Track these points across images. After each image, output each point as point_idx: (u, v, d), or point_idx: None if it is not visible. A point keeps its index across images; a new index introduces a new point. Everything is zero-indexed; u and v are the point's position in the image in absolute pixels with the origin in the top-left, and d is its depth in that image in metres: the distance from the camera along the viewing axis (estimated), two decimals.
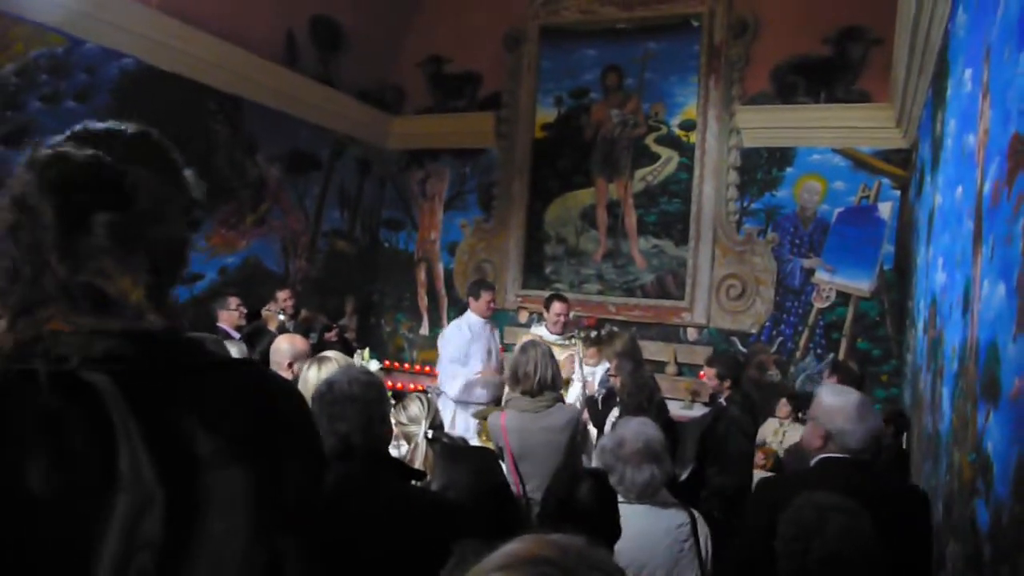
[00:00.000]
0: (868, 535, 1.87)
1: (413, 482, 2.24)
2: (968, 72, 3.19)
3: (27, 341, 0.92)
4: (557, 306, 5.87)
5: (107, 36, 5.78)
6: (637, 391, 4.27)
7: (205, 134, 6.80)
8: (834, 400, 2.57)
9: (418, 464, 2.71)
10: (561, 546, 0.85)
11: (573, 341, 6.02)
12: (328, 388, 2.11)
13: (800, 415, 6.51)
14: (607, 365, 5.50)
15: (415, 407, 2.93)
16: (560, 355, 5.68)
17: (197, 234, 6.59)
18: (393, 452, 2.65)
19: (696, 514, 2.85)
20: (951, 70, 3.87)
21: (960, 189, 3.27)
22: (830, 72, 6.97)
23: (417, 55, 8.94)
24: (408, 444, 2.90)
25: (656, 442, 2.84)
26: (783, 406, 6.57)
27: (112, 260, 0.96)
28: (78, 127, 1.04)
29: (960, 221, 3.16)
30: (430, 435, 2.82)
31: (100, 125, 1.05)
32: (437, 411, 3.05)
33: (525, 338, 6.00)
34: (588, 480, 2.44)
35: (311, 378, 3.16)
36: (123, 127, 1.06)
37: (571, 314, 7.50)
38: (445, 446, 2.81)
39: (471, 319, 6.13)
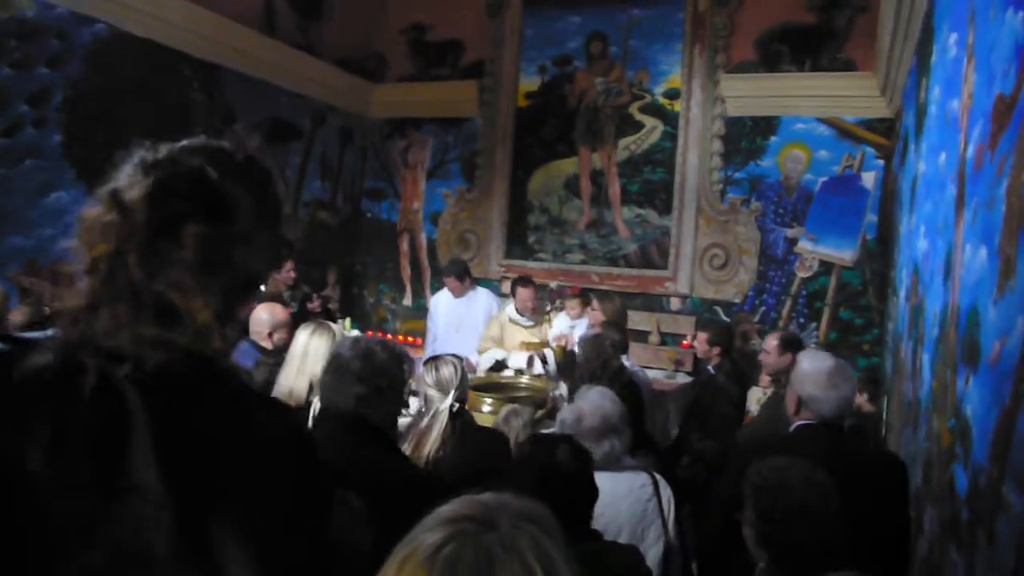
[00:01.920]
0: (828, 485, 1.91)
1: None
2: (953, 36, 3.16)
3: (85, 338, 0.91)
4: (523, 292, 5.74)
5: (78, 0, 5.63)
6: (595, 356, 4.20)
7: (182, 102, 6.68)
8: (807, 366, 2.59)
9: (435, 434, 2.67)
10: (485, 503, 0.88)
11: (548, 317, 5.99)
12: (350, 351, 2.21)
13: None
14: (586, 321, 5.51)
15: (447, 371, 2.88)
16: (529, 338, 5.68)
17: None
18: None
19: (657, 476, 2.89)
20: (936, 35, 3.84)
21: (943, 155, 3.25)
22: (815, 40, 6.92)
23: (399, 22, 8.81)
24: (427, 407, 2.86)
25: (614, 415, 2.87)
26: (765, 376, 6.60)
27: (191, 276, 0.95)
28: (194, 140, 1.05)
29: (943, 188, 3.15)
30: (455, 408, 2.78)
31: (214, 143, 1.06)
32: (467, 384, 3.01)
33: (494, 323, 5.95)
34: (564, 445, 2.45)
35: (300, 340, 3.12)
36: (235, 150, 1.07)
37: (556, 283, 7.51)
38: (465, 424, 2.79)
39: (442, 296, 6.41)
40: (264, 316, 3.61)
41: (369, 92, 8.84)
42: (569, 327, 5.68)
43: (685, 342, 7.21)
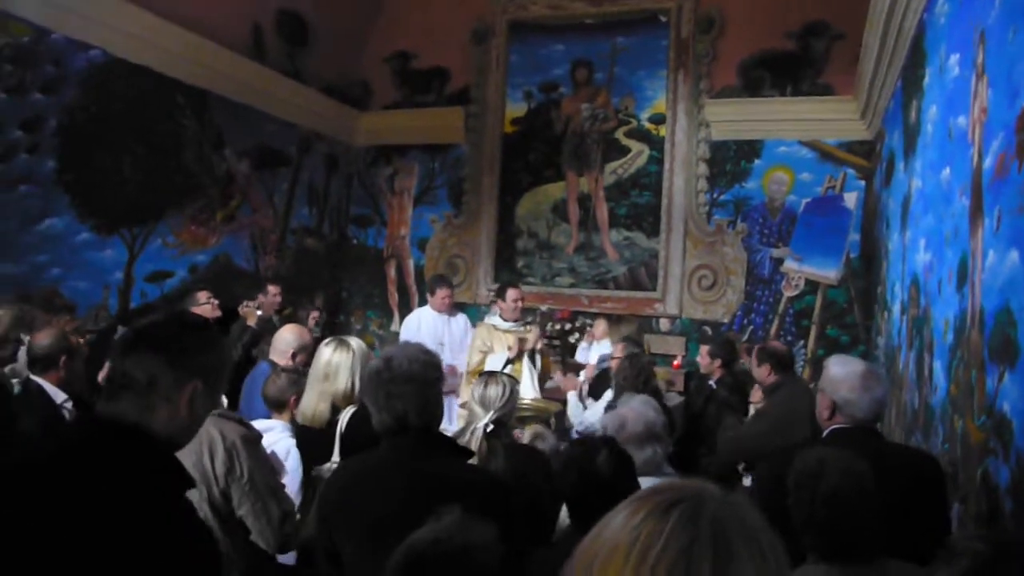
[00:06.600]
0: (866, 475, 1.94)
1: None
2: (955, 57, 3.32)
3: None
4: (512, 292, 5.78)
5: (74, 26, 5.63)
6: (634, 374, 4.31)
7: (173, 128, 6.67)
8: (839, 370, 2.60)
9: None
10: (679, 487, 0.88)
11: (528, 328, 5.91)
12: (386, 365, 2.09)
13: None
14: (608, 343, 5.60)
15: (494, 390, 2.88)
16: (511, 341, 5.65)
17: (166, 231, 6.41)
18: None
19: None
20: (929, 58, 4.02)
21: (947, 170, 3.40)
22: (795, 66, 7.15)
23: (384, 50, 8.90)
24: (470, 420, 2.87)
25: (656, 423, 2.92)
26: (756, 392, 6.70)
27: None
28: None
29: (950, 200, 3.28)
30: (490, 428, 2.79)
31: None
32: (514, 406, 3.00)
33: (481, 330, 5.95)
34: (603, 449, 2.49)
35: (324, 355, 3.13)
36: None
37: (546, 306, 7.58)
38: (502, 444, 2.80)
39: (424, 312, 6.26)
40: (289, 337, 3.61)
41: (354, 119, 8.90)
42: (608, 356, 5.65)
43: (676, 362, 7.31)
